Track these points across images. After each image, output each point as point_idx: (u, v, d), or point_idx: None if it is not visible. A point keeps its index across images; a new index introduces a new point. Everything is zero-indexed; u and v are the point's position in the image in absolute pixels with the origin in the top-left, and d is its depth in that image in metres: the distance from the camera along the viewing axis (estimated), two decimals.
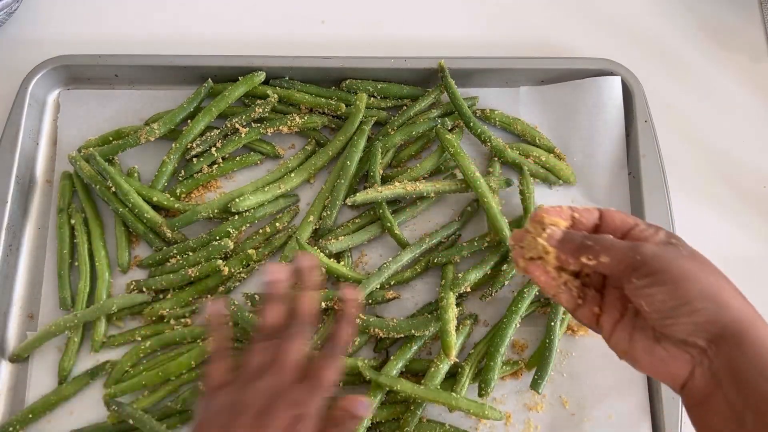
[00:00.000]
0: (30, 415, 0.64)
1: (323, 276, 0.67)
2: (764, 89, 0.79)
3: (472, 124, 0.72)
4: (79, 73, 0.76)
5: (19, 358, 0.67)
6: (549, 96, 0.76)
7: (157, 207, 0.71)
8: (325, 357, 0.51)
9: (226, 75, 0.75)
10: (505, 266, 0.68)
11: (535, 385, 0.65)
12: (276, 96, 0.73)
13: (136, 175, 0.73)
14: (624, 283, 0.45)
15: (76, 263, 0.70)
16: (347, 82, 0.75)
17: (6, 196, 0.69)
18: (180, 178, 0.73)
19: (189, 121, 0.73)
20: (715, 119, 0.78)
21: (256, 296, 0.66)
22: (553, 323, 0.65)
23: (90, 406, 0.66)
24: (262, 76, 0.74)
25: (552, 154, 0.73)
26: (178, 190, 0.72)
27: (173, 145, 0.72)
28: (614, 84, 0.74)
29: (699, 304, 0.42)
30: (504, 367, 0.66)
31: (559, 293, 0.49)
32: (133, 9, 0.83)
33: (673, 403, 0.63)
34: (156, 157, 0.73)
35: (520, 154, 0.73)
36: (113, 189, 0.69)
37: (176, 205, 0.70)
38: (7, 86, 0.74)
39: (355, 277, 0.67)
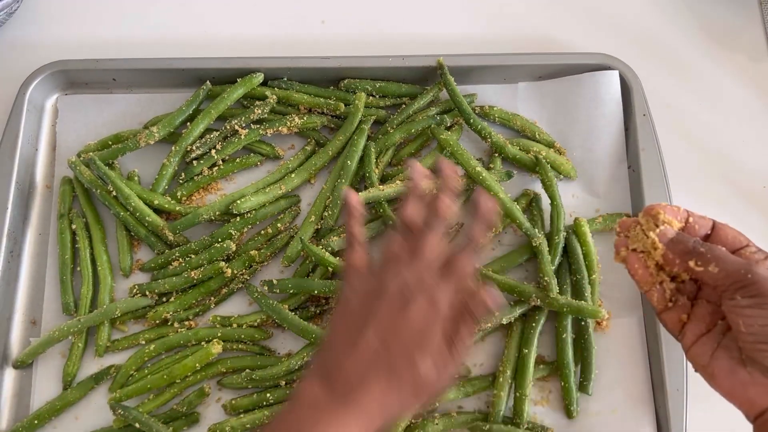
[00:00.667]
0: (35, 421, 0.64)
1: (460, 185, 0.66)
2: (764, 89, 0.79)
3: (472, 121, 0.72)
4: (76, 78, 0.75)
5: (23, 365, 0.66)
6: (547, 91, 0.76)
7: (158, 210, 0.70)
8: (463, 252, 0.51)
9: (224, 77, 0.75)
10: None
11: (583, 387, 0.65)
12: (275, 97, 0.73)
13: (136, 178, 0.73)
14: (724, 299, 0.45)
15: (78, 268, 0.70)
16: (346, 81, 0.75)
17: (6, 202, 0.69)
18: (180, 181, 0.72)
19: (188, 123, 0.73)
20: (715, 119, 0.78)
21: (274, 281, 0.67)
22: (584, 323, 0.65)
23: (95, 410, 0.66)
24: (260, 77, 0.74)
25: (552, 149, 0.73)
26: (178, 193, 0.71)
27: (173, 148, 0.72)
28: (612, 78, 0.74)
29: None
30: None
31: (652, 291, 0.49)
32: (131, 11, 0.83)
33: (677, 396, 0.63)
34: (156, 160, 0.72)
35: (520, 149, 0.73)
36: (114, 193, 0.69)
37: (177, 208, 0.70)
38: (5, 91, 0.74)
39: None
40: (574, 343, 0.66)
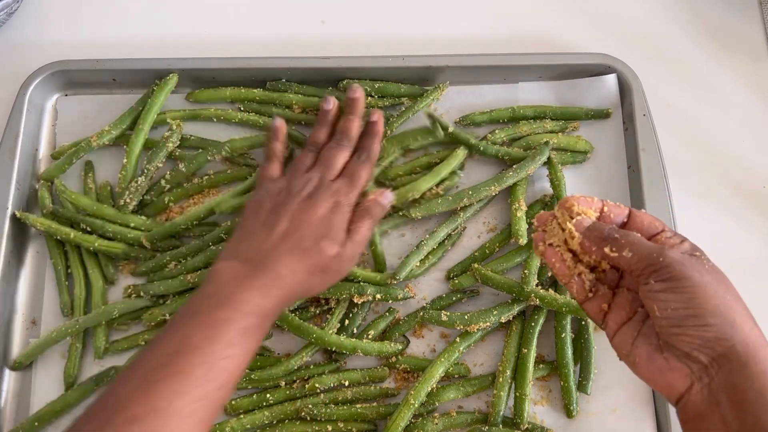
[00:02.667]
0: (36, 423, 0.64)
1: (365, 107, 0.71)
2: (764, 89, 0.79)
3: (482, 149, 0.72)
4: (77, 78, 0.75)
5: (21, 366, 0.66)
6: (546, 92, 0.76)
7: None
8: (360, 162, 0.65)
9: (224, 77, 0.75)
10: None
11: (582, 387, 0.65)
12: (180, 124, 0.72)
13: (108, 188, 0.72)
14: (640, 284, 0.45)
15: (69, 270, 0.70)
16: (345, 82, 0.75)
17: (6, 202, 0.69)
18: (165, 184, 0.72)
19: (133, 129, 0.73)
20: (715, 119, 0.78)
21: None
22: (583, 322, 0.66)
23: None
24: (174, 78, 0.73)
25: (561, 133, 0.73)
26: (166, 198, 0.71)
27: (119, 175, 0.71)
28: (611, 80, 0.74)
29: (711, 320, 0.42)
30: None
31: (572, 282, 0.50)
32: (131, 11, 0.83)
33: None
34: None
35: (531, 147, 0.72)
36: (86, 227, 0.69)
37: (154, 229, 0.69)
38: (5, 91, 0.74)
39: (367, 276, 0.67)
40: (573, 342, 0.66)
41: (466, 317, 0.66)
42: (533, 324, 0.66)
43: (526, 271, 0.66)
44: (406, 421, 0.62)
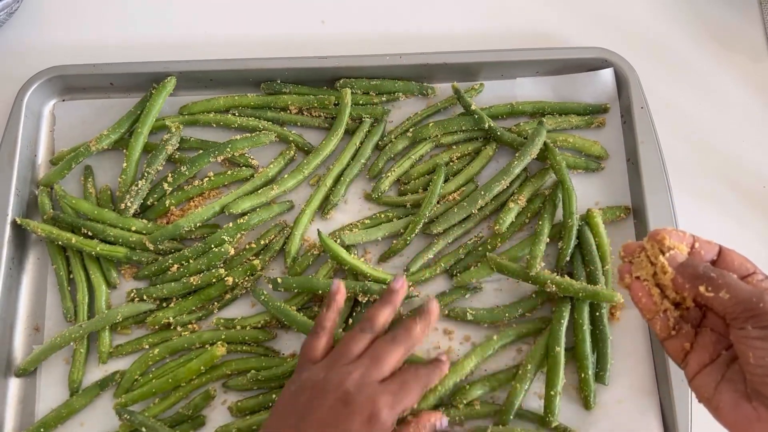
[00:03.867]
0: (41, 429, 0.64)
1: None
2: (764, 89, 0.79)
3: (505, 137, 0.72)
4: (74, 83, 0.75)
5: (26, 372, 0.66)
6: (544, 88, 0.76)
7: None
8: (417, 370, 0.54)
9: (224, 78, 0.75)
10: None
11: (600, 378, 0.65)
12: (180, 126, 0.72)
13: (108, 192, 0.73)
14: (733, 328, 0.44)
15: (71, 275, 0.69)
16: (341, 81, 0.75)
17: (6, 209, 0.69)
18: (168, 187, 0.71)
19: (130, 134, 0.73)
20: (715, 119, 0.78)
21: (278, 279, 0.66)
22: (598, 313, 0.66)
23: (101, 416, 0.66)
24: (173, 81, 0.73)
25: (578, 135, 0.74)
26: (167, 202, 0.71)
27: (119, 179, 0.71)
28: (608, 74, 0.75)
29: None
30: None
31: (656, 319, 0.48)
32: (129, 15, 0.82)
33: (682, 387, 0.63)
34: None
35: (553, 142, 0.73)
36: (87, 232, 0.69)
37: (155, 233, 0.69)
38: (3, 96, 0.74)
39: (375, 274, 0.67)
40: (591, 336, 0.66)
41: (494, 312, 0.67)
42: (561, 321, 0.65)
43: (529, 256, 0.67)
44: (431, 405, 0.62)
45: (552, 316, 0.66)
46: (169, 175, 0.71)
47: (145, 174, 0.70)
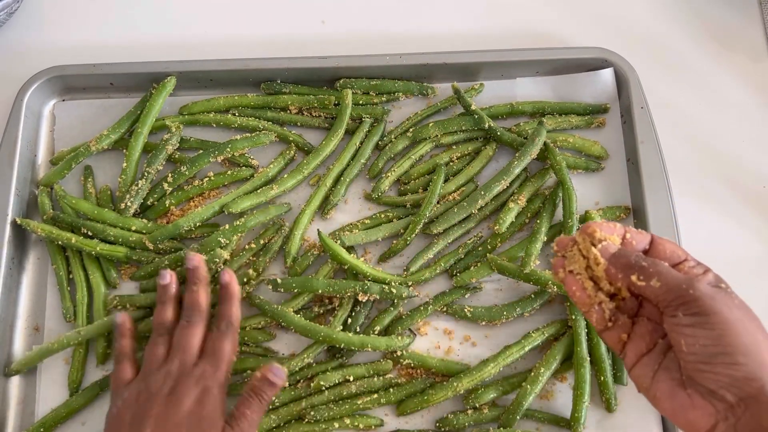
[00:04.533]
0: (41, 429, 0.64)
1: (214, 270, 0.67)
2: (764, 89, 0.79)
3: (500, 134, 0.72)
4: (74, 83, 0.75)
5: (17, 374, 0.66)
6: (544, 88, 0.76)
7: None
8: (220, 334, 0.58)
9: (224, 78, 0.75)
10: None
11: (618, 379, 0.65)
12: (180, 126, 0.72)
13: (108, 192, 0.73)
14: (666, 316, 0.44)
15: (71, 276, 0.69)
16: (341, 81, 0.75)
17: (6, 209, 0.69)
18: (168, 187, 0.71)
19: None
20: (715, 119, 0.78)
21: (278, 280, 0.66)
22: None
23: (101, 415, 0.64)
24: (173, 81, 0.73)
25: (578, 135, 0.74)
26: (167, 202, 0.71)
27: (119, 179, 0.71)
28: (608, 74, 0.75)
29: (741, 359, 0.41)
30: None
31: (591, 311, 0.48)
32: (128, 15, 0.82)
33: None
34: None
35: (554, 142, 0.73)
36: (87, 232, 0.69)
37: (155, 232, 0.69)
38: (3, 96, 0.74)
39: (375, 274, 0.67)
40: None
41: (493, 311, 0.67)
42: (579, 329, 0.65)
43: (524, 254, 0.67)
44: (442, 399, 0.63)
45: (569, 322, 0.66)
46: (169, 175, 0.71)
47: (145, 174, 0.70)
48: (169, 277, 0.61)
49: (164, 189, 0.71)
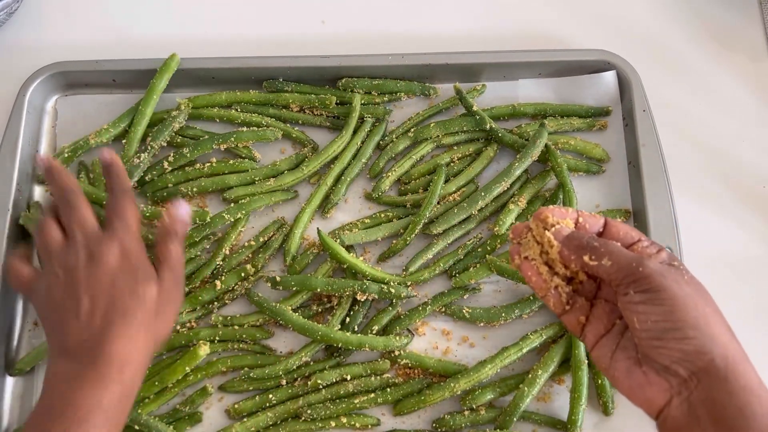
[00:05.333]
0: None
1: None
2: (764, 89, 0.79)
3: (501, 135, 0.72)
4: (76, 79, 0.75)
5: (21, 372, 0.66)
6: (546, 89, 0.76)
7: None
8: (115, 198, 0.56)
9: (224, 77, 0.75)
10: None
11: None
12: (189, 104, 0.72)
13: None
14: (619, 295, 0.45)
15: None
16: (343, 80, 0.75)
17: (7, 204, 0.69)
18: (168, 166, 0.72)
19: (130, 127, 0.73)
20: (715, 119, 0.78)
21: (277, 278, 0.66)
22: None
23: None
24: (176, 58, 0.73)
25: (579, 139, 0.73)
26: (168, 179, 0.71)
27: (120, 153, 0.71)
28: (611, 77, 0.75)
29: (691, 332, 0.42)
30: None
31: (548, 296, 0.49)
32: (131, 12, 0.83)
33: None
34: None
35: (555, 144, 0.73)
36: None
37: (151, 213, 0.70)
38: (5, 92, 0.74)
39: (374, 274, 0.67)
40: None
41: (491, 313, 0.67)
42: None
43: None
44: (439, 400, 0.63)
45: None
46: (171, 155, 0.72)
47: (149, 147, 0.71)
48: (41, 160, 0.59)
49: (164, 167, 0.72)
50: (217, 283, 0.67)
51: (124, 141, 0.72)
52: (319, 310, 0.68)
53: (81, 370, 0.48)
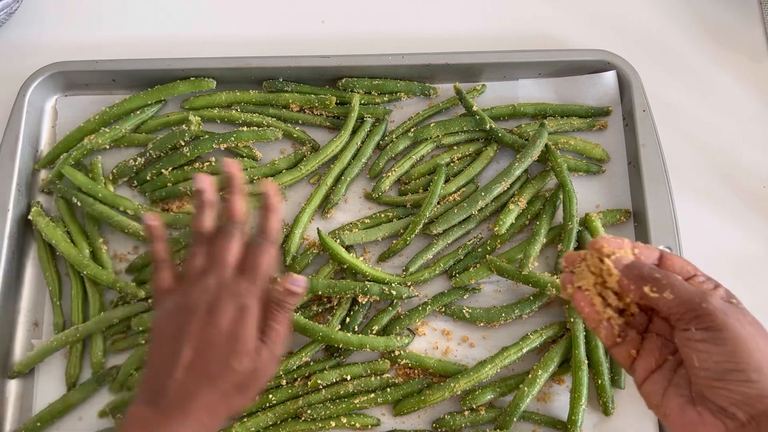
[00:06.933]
0: (38, 423, 0.64)
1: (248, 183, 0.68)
2: (764, 89, 0.79)
3: (501, 135, 0.72)
4: (76, 79, 0.75)
5: (20, 374, 0.66)
6: (546, 89, 0.76)
7: None
8: (258, 248, 0.54)
9: (224, 77, 0.75)
10: None
11: (616, 382, 0.65)
12: (200, 124, 0.72)
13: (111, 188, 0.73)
14: (677, 330, 0.43)
15: (67, 272, 0.69)
16: (344, 80, 0.75)
17: (7, 204, 0.69)
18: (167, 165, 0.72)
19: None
20: (715, 119, 0.78)
21: (278, 279, 0.66)
22: None
23: (98, 411, 0.66)
24: (212, 84, 0.74)
25: (579, 137, 0.73)
26: (166, 179, 0.72)
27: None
28: (611, 77, 0.75)
29: (754, 376, 0.40)
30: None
31: (600, 327, 0.48)
32: (131, 12, 0.83)
33: None
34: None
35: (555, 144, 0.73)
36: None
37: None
38: (5, 92, 0.74)
39: (374, 274, 0.67)
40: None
41: (491, 313, 0.67)
42: (578, 332, 0.65)
43: (522, 256, 0.67)
44: (439, 400, 0.64)
45: (567, 324, 0.66)
46: (170, 152, 0.72)
47: (148, 154, 0.71)
48: (204, 181, 0.56)
49: (163, 165, 0.72)
50: None
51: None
52: (319, 310, 0.68)
53: (158, 423, 0.48)
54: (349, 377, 0.65)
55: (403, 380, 0.66)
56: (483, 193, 0.69)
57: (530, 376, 0.64)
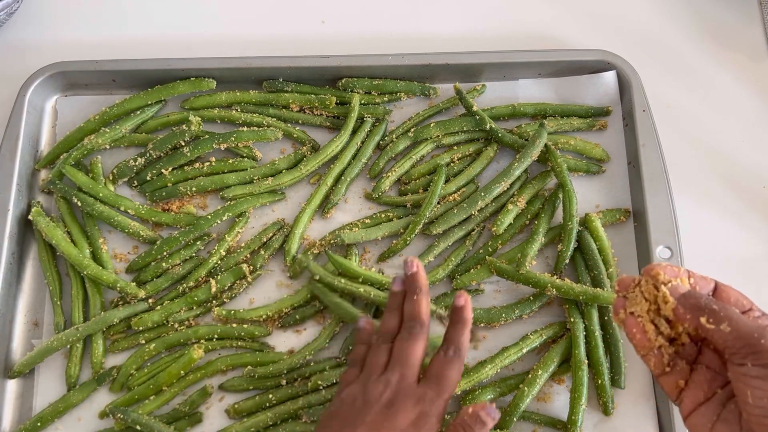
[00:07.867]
0: (38, 423, 0.64)
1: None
2: (764, 89, 0.79)
3: (501, 136, 0.72)
4: (76, 79, 0.75)
5: (20, 374, 0.66)
6: (546, 89, 0.76)
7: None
8: (449, 362, 0.53)
9: (225, 77, 0.75)
10: None
11: (615, 382, 0.65)
12: (200, 124, 0.72)
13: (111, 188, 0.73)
14: (732, 364, 0.42)
15: (67, 272, 0.69)
16: (344, 80, 0.75)
17: (8, 204, 0.69)
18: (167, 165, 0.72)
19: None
20: (715, 119, 0.78)
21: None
22: (607, 317, 0.65)
23: (98, 411, 0.66)
24: (212, 84, 0.74)
25: (579, 137, 0.73)
26: (167, 179, 0.72)
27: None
28: (611, 77, 0.75)
29: None
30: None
31: (650, 355, 0.47)
32: (131, 12, 0.83)
33: None
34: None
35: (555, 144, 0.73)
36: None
37: (164, 219, 0.71)
38: (5, 92, 0.74)
39: (373, 276, 0.67)
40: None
41: (492, 313, 0.67)
42: (578, 332, 0.65)
43: (520, 255, 0.67)
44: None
45: (568, 324, 0.66)
46: (170, 152, 0.72)
47: (148, 154, 0.71)
48: (401, 284, 0.57)
49: (163, 165, 0.72)
50: (213, 282, 0.68)
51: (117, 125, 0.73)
52: (321, 308, 0.68)
53: None
54: None
55: None
56: (483, 194, 0.69)
57: (530, 376, 0.64)
